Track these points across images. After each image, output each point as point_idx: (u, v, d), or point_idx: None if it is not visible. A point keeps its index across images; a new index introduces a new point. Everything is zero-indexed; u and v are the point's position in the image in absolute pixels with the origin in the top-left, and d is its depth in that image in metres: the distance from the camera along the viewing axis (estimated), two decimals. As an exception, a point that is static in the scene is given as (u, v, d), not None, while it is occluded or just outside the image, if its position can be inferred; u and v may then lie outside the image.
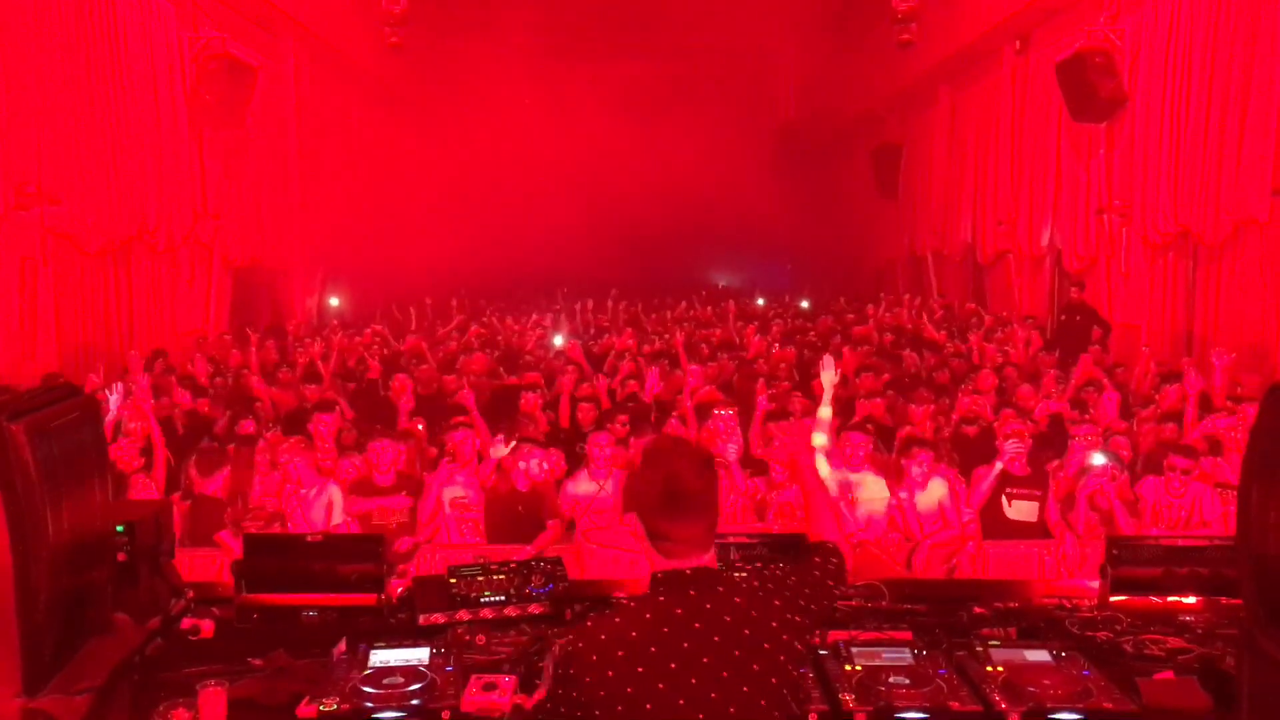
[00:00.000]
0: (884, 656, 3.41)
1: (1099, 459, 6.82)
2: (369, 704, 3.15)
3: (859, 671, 3.30)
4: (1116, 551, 3.94)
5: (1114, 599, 3.95)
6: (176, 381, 9.91)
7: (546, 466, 6.94)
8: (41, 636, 2.52)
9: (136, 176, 11.90)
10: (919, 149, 19.11)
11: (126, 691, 2.97)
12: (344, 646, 3.58)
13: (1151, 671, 3.44)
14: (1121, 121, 12.34)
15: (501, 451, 6.66)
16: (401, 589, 4.25)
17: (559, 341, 12.37)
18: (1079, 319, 12.89)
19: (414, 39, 16.96)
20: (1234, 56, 10.09)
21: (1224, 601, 3.88)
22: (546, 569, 3.91)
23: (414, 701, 3.17)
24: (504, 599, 3.86)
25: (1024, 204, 15.03)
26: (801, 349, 12.11)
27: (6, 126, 9.69)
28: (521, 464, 6.86)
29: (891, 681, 3.22)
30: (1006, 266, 15.90)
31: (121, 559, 3.70)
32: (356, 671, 3.35)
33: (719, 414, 7.90)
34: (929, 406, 8.56)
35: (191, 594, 4.15)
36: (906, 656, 3.41)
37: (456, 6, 19.02)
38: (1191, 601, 3.95)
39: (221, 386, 10.23)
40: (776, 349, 12.00)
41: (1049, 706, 3.09)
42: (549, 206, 19.42)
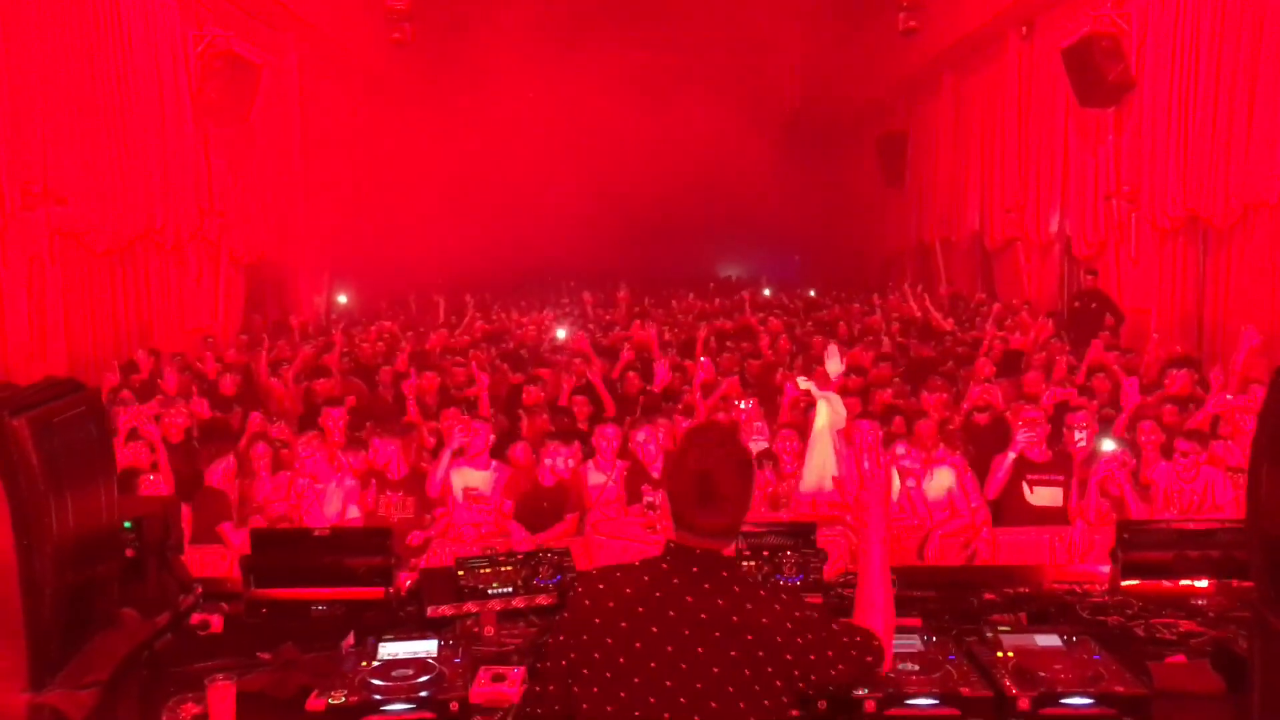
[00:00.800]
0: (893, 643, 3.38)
1: (1109, 445, 6.78)
2: (378, 696, 3.15)
3: (868, 659, 3.29)
4: (1127, 535, 3.91)
5: (1125, 583, 3.93)
6: (194, 383, 9.96)
7: (572, 463, 6.94)
8: (47, 631, 2.52)
9: (142, 175, 11.90)
10: (924, 137, 19.05)
11: (135, 686, 2.97)
12: (352, 639, 3.58)
13: (1163, 655, 3.43)
14: (1129, 106, 12.27)
15: (458, 441, 6.72)
16: (410, 582, 4.25)
17: (561, 335, 12.33)
18: (1094, 306, 12.82)
19: (417, 34, 16.97)
20: (1242, 38, 10.02)
21: (1235, 584, 3.85)
22: (554, 560, 3.91)
23: (423, 693, 3.16)
24: (511, 590, 3.85)
25: (1032, 191, 14.96)
26: (810, 339, 12.10)
27: (12, 127, 9.70)
28: (548, 460, 6.85)
29: (901, 668, 3.20)
30: (1015, 254, 15.84)
31: (129, 555, 3.72)
32: (365, 664, 3.34)
33: (739, 406, 7.89)
34: (942, 395, 8.51)
35: (200, 589, 4.16)
36: (916, 643, 3.39)
37: (459, 2, 19.00)
38: (1203, 585, 3.92)
39: (231, 385, 10.23)
40: (783, 338, 11.98)
41: (1060, 691, 3.07)
42: (554, 199, 19.41)
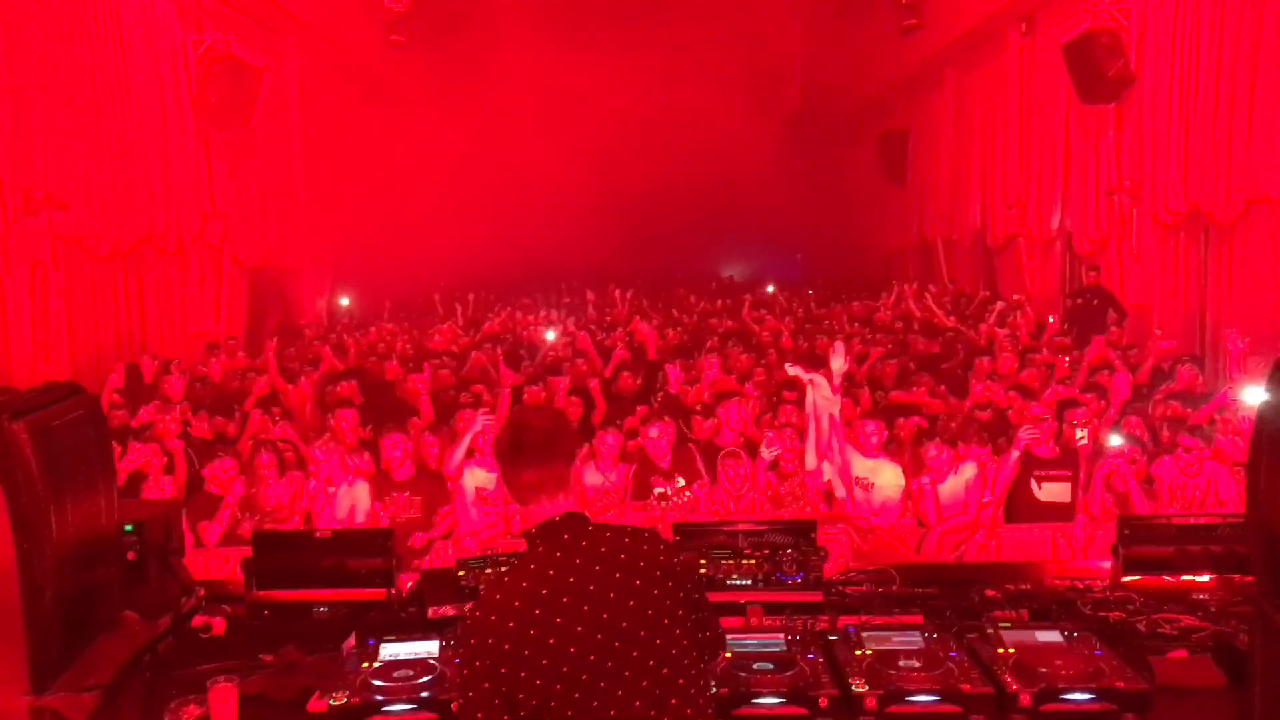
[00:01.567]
0: (894, 640, 3.39)
1: (1116, 440, 6.78)
2: (379, 697, 3.15)
3: (869, 656, 3.29)
4: (1128, 531, 3.91)
5: (1126, 579, 3.93)
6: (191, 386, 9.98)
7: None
8: (48, 634, 2.53)
9: (143, 180, 11.91)
10: (926, 134, 19.02)
11: (137, 688, 2.98)
12: (354, 641, 3.58)
13: (1165, 650, 3.43)
14: (1130, 101, 12.24)
15: (481, 423, 6.64)
16: (412, 583, 4.25)
17: (551, 336, 12.33)
18: (1095, 302, 12.80)
19: (417, 36, 16.96)
20: (1242, 32, 10.00)
21: (1237, 579, 3.85)
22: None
23: (424, 694, 3.17)
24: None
25: (1033, 187, 14.94)
26: (814, 337, 12.12)
27: (13, 132, 9.71)
28: None
29: (902, 665, 3.20)
30: (1017, 250, 15.81)
31: (131, 558, 3.73)
32: (367, 665, 3.35)
33: (730, 403, 7.90)
34: (923, 389, 8.55)
35: (202, 592, 4.17)
36: (917, 640, 3.39)
37: (458, 2, 19.01)
38: (1204, 580, 3.92)
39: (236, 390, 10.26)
40: (785, 338, 11.99)
41: (1060, 687, 3.06)
42: (555, 200, 19.40)
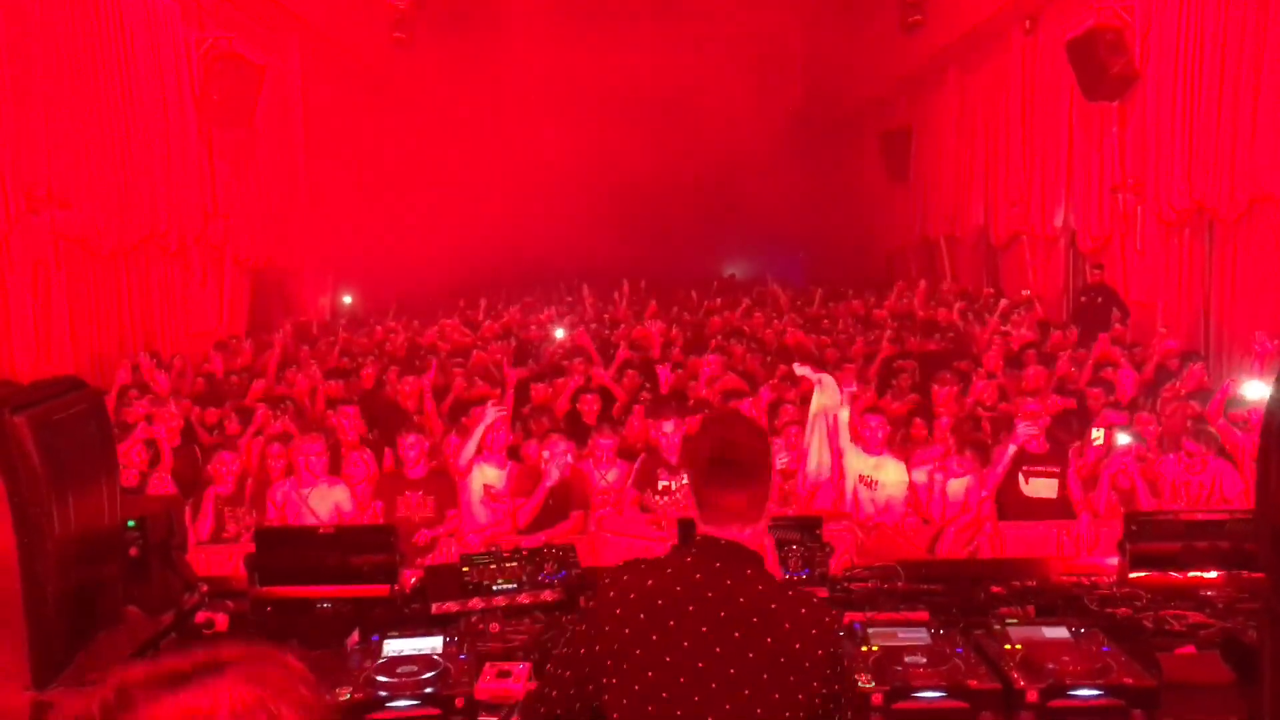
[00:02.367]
0: (900, 636, 3.38)
1: (1123, 439, 6.76)
2: (383, 693, 3.14)
3: (875, 652, 3.27)
4: (1135, 527, 3.89)
5: (1133, 575, 3.90)
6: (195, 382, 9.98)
7: (570, 459, 6.92)
8: (50, 629, 2.51)
9: (145, 178, 11.91)
10: (929, 132, 18.99)
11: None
12: (357, 637, 3.57)
13: (1172, 647, 3.41)
14: (1134, 99, 12.22)
15: (492, 415, 6.63)
16: (415, 579, 4.24)
17: (560, 334, 12.30)
18: (1100, 300, 12.79)
19: (419, 34, 16.96)
20: (1246, 29, 9.96)
21: (1245, 575, 3.82)
22: (558, 556, 3.90)
23: (428, 689, 3.15)
24: (516, 586, 3.84)
25: (1036, 185, 14.91)
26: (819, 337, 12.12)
27: (15, 131, 9.71)
28: (545, 453, 6.85)
29: (908, 661, 3.19)
30: (1021, 249, 15.79)
31: (133, 554, 3.72)
32: (370, 661, 3.33)
33: (742, 404, 7.87)
34: (952, 388, 8.49)
35: (205, 588, 4.16)
36: (923, 636, 3.38)
37: (461, 1, 19.00)
38: (1212, 576, 3.89)
39: (236, 385, 10.25)
40: (788, 333, 11.98)
41: (1068, 683, 3.05)
42: (555, 198, 19.38)
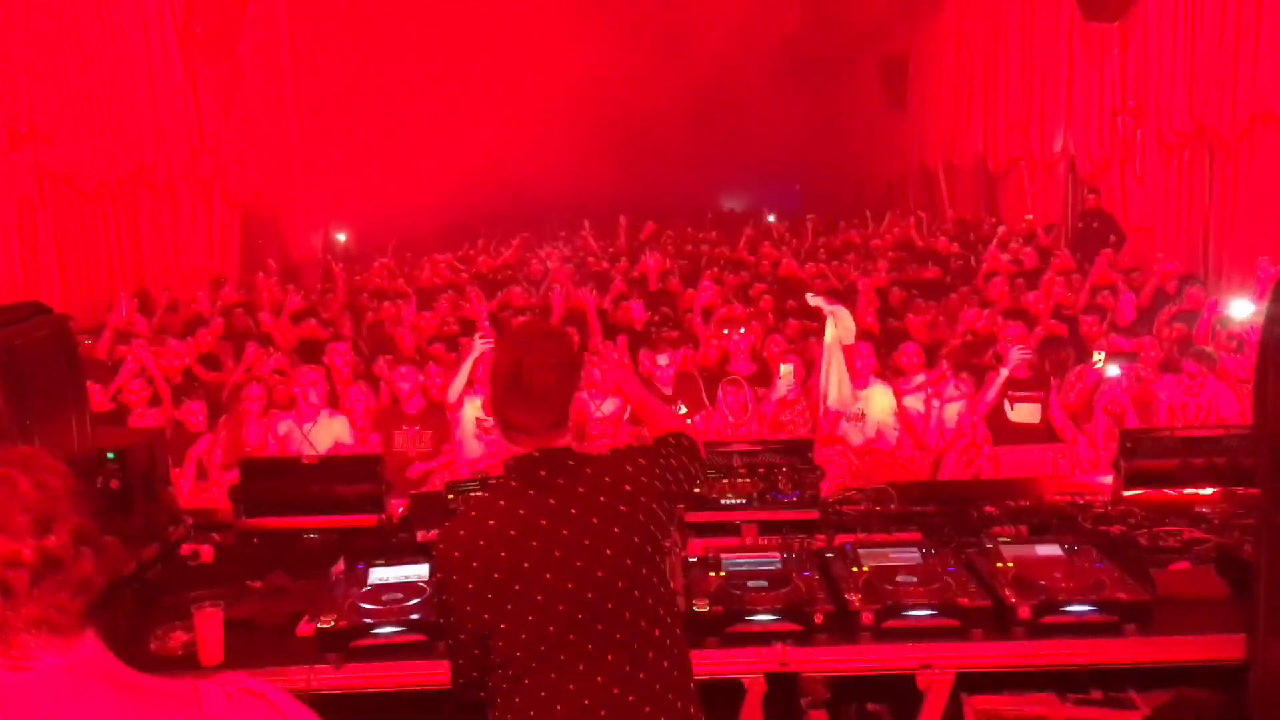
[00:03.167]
0: (891, 557, 3.33)
1: (1113, 369, 6.70)
2: (368, 620, 3.10)
3: (866, 572, 3.23)
4: (1130, 444, 3.82)
5: (1128, 493, 3.85)
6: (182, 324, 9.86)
7: None
8: (19, 558, 2.45)
9: (129, 113, 11.74)
10: (927, 58, 18.69)
11: (119, 614, 2.92)
12: (343, 566, 3.52)
13: (1167, 563, 3.37)
14: (1134, 20, 12.00)
15: (480, 348, 6.56)
16: (402, 509, 4.20)
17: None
18: (1096, 225, 12.67)
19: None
20: (1249, -58, 9.75)
21: (1241, 492, 3.77)
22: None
23: (413, 616, 3.11)
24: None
25: (1036, 109, 14.71)
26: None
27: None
28: None
29: (899, 580, 3.15)
30: (1019, 175, 15.61)
31: (114, 486, 3.67)
32: (356, 589, 3.29)
33: (730, 334, 7.81)
34: (926, 316, 8.44)
35: (190, 520, 4.12)
36: (915, 556, 3.34)
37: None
38: (1208, 493, 3.84)
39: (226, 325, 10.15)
40: (784, 263, 11.89)
41: (1060, 599, 3.01)
42: (551, 132, 19.05)
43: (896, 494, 4.04)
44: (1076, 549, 3.32)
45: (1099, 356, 6.79)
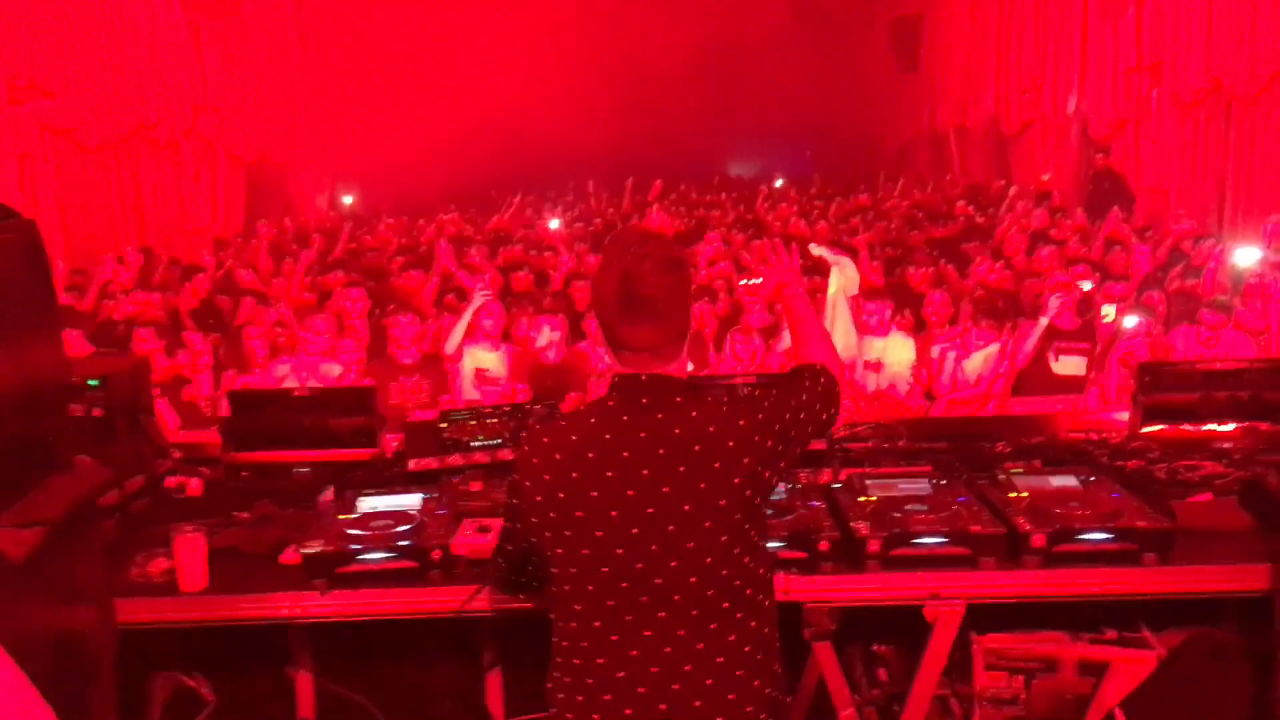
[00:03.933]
0: (900, 488, 3.20)
1: (1131, 319, 6.56)
2: (355, 545, 2.98)
3: (873, 501, 3.10)
4: (1148, 378, 3.67)
5: (1146, 430, 3.71)
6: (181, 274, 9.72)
7: (558, 335, 6.76)
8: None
9: (132, 68, 11.60)
10: (940, 18, 18.41)
11: (96, 538, 2.80)
12: (331, 494, 3.41)
13: (1187, 496, 3.24)
14: (1151, -26, 11.76)
15: (479, 299, 6.48)
16: (398, 444, 4.08)
17: (555, 225, 12.09)
18: (1106, 186, 12.49)
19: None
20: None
21: (1264, 428, 3.63)
22: (541, 412, 3.72)
23: (403, 542, 3.00)
24: (500, 442, 3.68)
25: (1049, 69, 14.48)
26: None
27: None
28: (533, 334, 6.70)
29: (908, 509, 3.02)
30: (1032, 138, 15.40)
31: (97, 414, 3.56)
32: (344, 516, 3.18)
33: (744, 284, 7.67)
34: (927, 270, 8.29)
35: (178, 454, 4.02)
36: (924, 487, 3.21)
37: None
38: (1229, 429, 3.69)
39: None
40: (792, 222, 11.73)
41: (1077, 527, 2.88)
42: (559, 92, 18.85)
43: (906, 430, 3.90)
44: (1093, 480, 3.19)
45: (1108, 310, 6.64)
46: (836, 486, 3.29)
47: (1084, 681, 3.10)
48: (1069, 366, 6.43)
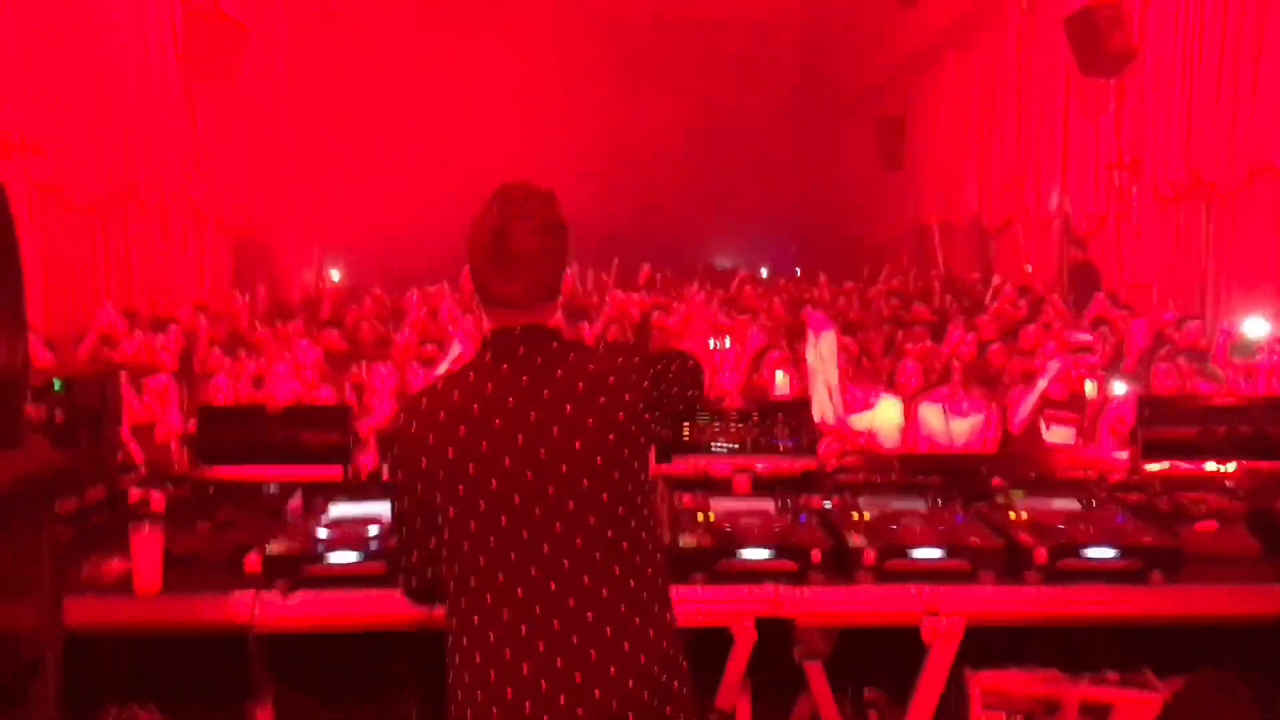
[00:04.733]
0: (895, 505, 3.08)
1: (1121, 388, 6.52)
2: (321, 546, 2.82)
3: (868, 519, 2.97)
4: (1149, 412, 3.58)
5: (1146, 467, 3.59)
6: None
7: None
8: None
9: (123, 130, 11.61)
10: (924, 118, 18.75)
11: (43, 529, 2.64)
12: (299, 501, 3.25)
13: (1193, 524, 3.12)
14: (1131, 73, 12.00)
15: (458, 348, 6.47)
16: (373, 466, 3.94)
17: None
18: (1083, 280, 12.60)
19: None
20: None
21: (1266, 467, 3.52)
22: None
23: (372, 545, 2.84)
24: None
25: (1031, 166, 14.72)
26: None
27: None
28: None
29: (904, 522, 2.89)
30: (1014, 234, 15.57)
31: (59, 420, 3.42)
32: (312, 521, 3.02)
33: (713, 346, 7.59)
34: (924, 344, 8.23)
35: (144, 470, 3.87)
36: (920, 504, 3.08)
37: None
38: (1230, 469, 3.58)
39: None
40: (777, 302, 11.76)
41: (1080, 542, 2.76)
42: (541, 169, 19.02)
43: (898, 463, 3.78)
44: (1095, 504, 3.07)
45: (1054, 365, 6.55)
46: (827, 505, 3.16)
47: (1086, 724, 2.94)
48: (1059, 436, 6.34)
